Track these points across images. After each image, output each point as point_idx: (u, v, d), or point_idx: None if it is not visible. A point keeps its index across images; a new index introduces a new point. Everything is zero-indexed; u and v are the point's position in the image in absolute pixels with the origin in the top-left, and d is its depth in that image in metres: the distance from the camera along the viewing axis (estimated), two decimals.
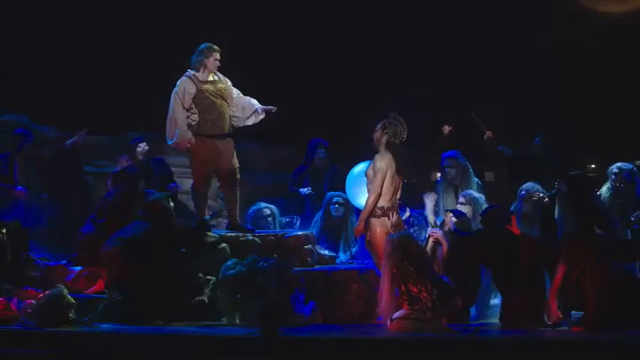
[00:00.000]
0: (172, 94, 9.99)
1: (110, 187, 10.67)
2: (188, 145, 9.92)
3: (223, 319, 9.03)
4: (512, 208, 9.96)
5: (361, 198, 9.82)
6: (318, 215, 10.85)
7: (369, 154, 9.65)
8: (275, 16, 13.57)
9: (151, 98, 12.39)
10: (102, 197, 10.72)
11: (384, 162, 9.38)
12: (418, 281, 8.57)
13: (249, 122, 10.18)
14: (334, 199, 10.71)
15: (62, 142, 12.04)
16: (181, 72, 10.09)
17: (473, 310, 9.39)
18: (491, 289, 9.55)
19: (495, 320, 9.06)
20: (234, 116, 10.12)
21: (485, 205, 9.99)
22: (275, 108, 10.08)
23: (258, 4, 13.71)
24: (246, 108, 10.11)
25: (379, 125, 9.62)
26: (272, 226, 10.88)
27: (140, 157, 11.59)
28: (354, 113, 12.26)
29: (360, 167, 10.04)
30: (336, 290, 9.46)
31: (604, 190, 10.15)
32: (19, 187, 11.34)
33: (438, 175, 11.27)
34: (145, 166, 11.42)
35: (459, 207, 10.12)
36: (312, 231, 10.51)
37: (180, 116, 9.90)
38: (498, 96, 13.00)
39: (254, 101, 10.13)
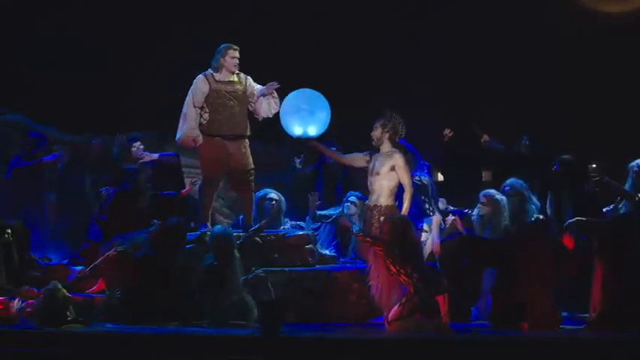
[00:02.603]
0: (189, 91, 9.96)
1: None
2: (193, 143, 9.88)
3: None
4: None
5: (294, 127, 9.73)
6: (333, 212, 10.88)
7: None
8: (275, 16, 13.57)
9: (151, 98, 12.41)
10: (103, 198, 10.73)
11: (402, 159, 9.46)
12: (398, 262, 8.52)
13: (272, 109, 10.00)
14: (350, 198, 10.75)
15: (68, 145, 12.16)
16: (182, 72, 10.09)
17: (474, 310, 9.38)
18: None
19: None
20: (254, 111, 10.02)
21: (506, 207, 9.92)
22: (275, 83, 9.97)
23: (258, 4, 13.72)
24: (258, 98, 10.03)
25: (378, 124, 9.64)
26: (273, 210, 10.87)
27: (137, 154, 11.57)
28: (355, 112, 12.25)
29: (293, 97, 9.84)
30: (337, 290, 9.47)
31: (627, 186, 10.16)
32: (51, 155, 11.42)
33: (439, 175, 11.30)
34: (143, 167, 11.41)
35: (481, 206, 10.08)
36: (327, 227, 10.57)
37: (191, 113, 9.86)
38: (498, 95, 13.01)
39: (260, 89, 10.01)
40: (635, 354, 7.65)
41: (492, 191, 10.06)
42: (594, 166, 10.79)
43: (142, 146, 11.66)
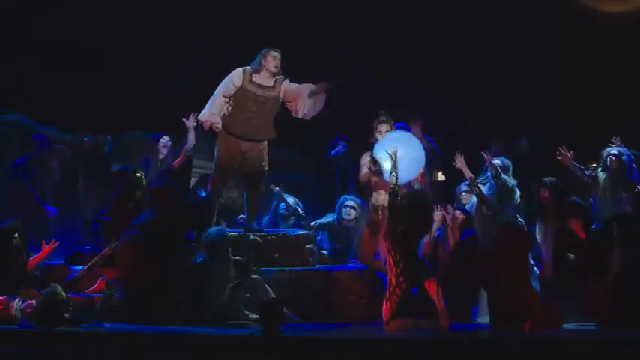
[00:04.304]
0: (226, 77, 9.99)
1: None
2: (208, 129, 9.89)
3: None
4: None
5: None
6: (329, 217, 10.80)
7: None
8: (275, 16, 13.56)
9: (151, 98, 12.38)
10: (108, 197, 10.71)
11: None
12: (391, 241, 8.54)
13: (317, 107, 10.00)
14: (347, 203, 10.65)
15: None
16: (182, 72, 10.09)
17: (474, 310, 9.38)
18: None
19: None
20: (292, 109, 10.04)
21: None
22: (325, 85, 9.97)
23: (258, 4, 13.72)
24: (301, 94, 10.00)
25: (388, 126, 9.55)
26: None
27: (163, 151, 11.43)
28: (354, 112, 12.27)
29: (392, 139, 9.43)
30: (337, 290, 9.47)
31: (600, 173, 10.11)
32: (51, 208, 11.39)
33: (440, 174, 11.28)
34: (165, 161, 11.33)
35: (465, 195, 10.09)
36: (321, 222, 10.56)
37: (218, 99, 9.92)
38: (497, 95, 13.02)
39: (305, 86, 10.02)
40: (635, 354, 7.65)
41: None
42: (594, 165, 10.76)
43: (169, 142, 11.52)
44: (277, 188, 11.23)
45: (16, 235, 9.41)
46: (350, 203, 10.65)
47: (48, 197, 11.61)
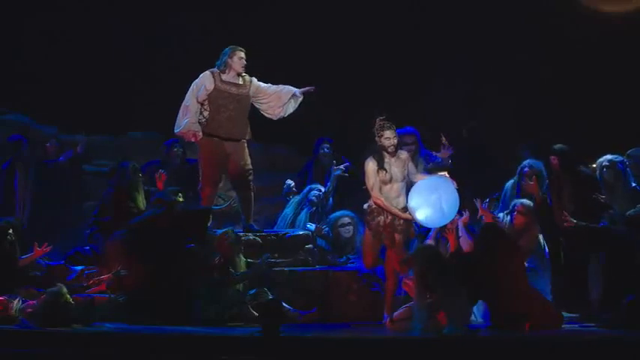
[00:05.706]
0: (192, 84, 9.95)
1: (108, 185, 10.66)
2: (193, 138, 9.88)
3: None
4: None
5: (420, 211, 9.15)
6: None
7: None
8: (275, 16, 13.57)
9: (151, 98, 12.37)
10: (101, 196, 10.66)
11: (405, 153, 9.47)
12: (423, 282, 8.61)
13: (290, 109, 10.08)
14: (343, 221, 10.28)
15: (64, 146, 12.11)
16: (182, 72, 10.08)
17: (474, 310, 9.37)
18: None
19: None
20: (268, 109, 10.05)
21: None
22: (313, 87, 10.01)
23: (257, 4, 13.72)
24: (282, 96, 10.03)
25: (390, 130, 9.28)
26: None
27: (177, 159, 11.36)
28: (354, 113, 12.27)
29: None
30: (337, 290, 9.47)
31: None
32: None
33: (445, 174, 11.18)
34: (180, 168, 11.26)
35: (516, 215, 9.79)
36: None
37: (192, 107, 9.88)
38: (497, 95, 13.02)
39: (289, 87, 10.06)
40: (635, 354, 7.65)
41: (529, 202, 9.71)
42: (594, 166, 10.74)
43: (182, 149, 11.43)
44: (342, 166, 10.81)
45: (10, 231, 9.40)
46: (346, 220, 10.26)
47: (28, 199, 11.55)
